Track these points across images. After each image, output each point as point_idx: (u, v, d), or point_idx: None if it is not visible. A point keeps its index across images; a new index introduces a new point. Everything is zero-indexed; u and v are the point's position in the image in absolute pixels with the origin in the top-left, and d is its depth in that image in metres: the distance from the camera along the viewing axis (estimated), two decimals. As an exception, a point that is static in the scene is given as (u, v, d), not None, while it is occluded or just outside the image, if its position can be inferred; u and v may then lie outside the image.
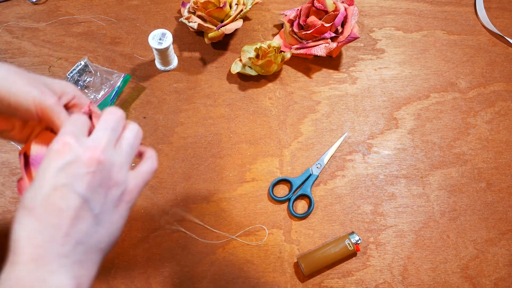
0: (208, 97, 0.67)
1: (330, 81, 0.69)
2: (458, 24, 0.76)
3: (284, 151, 0.64)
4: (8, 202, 0.59)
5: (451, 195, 0.62)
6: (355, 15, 0.68)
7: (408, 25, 0.75)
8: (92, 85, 0.66)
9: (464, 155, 0.65)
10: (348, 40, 0.67)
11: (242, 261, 0.57)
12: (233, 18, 0.67)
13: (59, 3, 0.74)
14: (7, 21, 0.72)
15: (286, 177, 0.61)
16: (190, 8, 0.69)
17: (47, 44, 0.70)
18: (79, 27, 0.72)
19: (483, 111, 0.68)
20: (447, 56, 0.73)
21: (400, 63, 0.72)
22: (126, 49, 0.70)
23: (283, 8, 0.76)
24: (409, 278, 0.57)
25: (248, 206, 0.60)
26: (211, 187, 0.61)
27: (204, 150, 0.63)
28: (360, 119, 0.67)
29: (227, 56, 0.71)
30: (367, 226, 0.59)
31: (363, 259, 0.57)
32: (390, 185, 0.62)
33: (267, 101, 0.67)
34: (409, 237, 0.59)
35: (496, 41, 0.74)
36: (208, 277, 0.56)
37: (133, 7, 0.75)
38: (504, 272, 0.57)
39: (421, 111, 0.68)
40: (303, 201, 0.61)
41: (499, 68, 0.72)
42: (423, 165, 0.64)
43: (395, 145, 0.65)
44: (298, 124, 0.66)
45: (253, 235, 0.58)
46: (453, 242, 0.59)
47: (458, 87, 0.70)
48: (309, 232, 0.59)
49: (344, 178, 0.62)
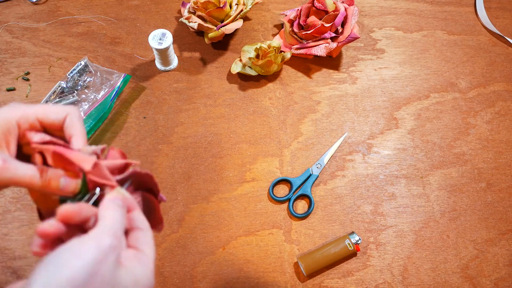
0: (208, 97, 0.67)
1: (330, 81, 0.69)
2: (458, 24, 0.76)
3: (284, 151, 0.64)
4: (8, 202, 0.59)
5: (451, 195, 0.62)
6: (355, 15, 0.68)
7: (408, 25, 0.75)
8: (92, 85, 0.66)
9: (464, 155, 0.65)
10: (348, 40, 0.67)
11: (242, 261, 0.57)
12: (233, 18, 0.67)
13: (59, 3, 0.74)
14: (7, 21, 0.72)
15: (286, 177, 0.61)
16: (190, 8, 0.69)
17: (47, 44, 0.70)
18: (79, 27, 0.72)
19: (483, 111, 0.68)
20: (447, 56, 0.73)
21: (400, 63, 0.72)
22: (126, 49, 0.70)
23: (283, 8, 0.76)
24: (409, 278, 0.57)
25: (248, 206, 0.60)
26: (211, 187, 0.61)
27: (204, 150, 0.63)
28: (360, 119, 0.67)
29: (227, 56, 0.71)
30: (367, 226, 0.59)
31: (363, 259, 0.57)
32: (390, 185, 0.62)
33: (267, 101, 0.67)
34: (409, 237, 0.59)
35: (496, 41, 0.74)
36: (208, 277, 0.56)
37: (133, 7, 0.75)
38: (504, 272, 0.57)
39: (421, 111, 0.68)
40: (303, 201, 0.61)
41: (499, 68, 0.72)
42: (423, 165, 0.64)
43: (395, 145, 0.65)
44: (298, 124, 0.66)
45: (253, 235, 0.58)
46: (453, 242, 0.59)
47: (458, 87, 0.70)
48: (309, 232, 0.59)
49: (344, 178, 0.62)
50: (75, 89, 0.65)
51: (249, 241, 0.58)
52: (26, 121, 0.31)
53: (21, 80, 0.67)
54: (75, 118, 0.32)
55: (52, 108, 0.32)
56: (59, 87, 0.65)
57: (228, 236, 0.58)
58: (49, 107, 0.32)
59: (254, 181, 0.62)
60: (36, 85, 0.67)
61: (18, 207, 0.58)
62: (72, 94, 0.65)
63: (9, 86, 0.66)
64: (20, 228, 0.57)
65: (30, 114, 0.31)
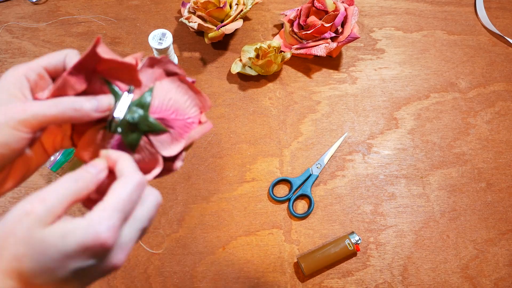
0: (208, 97, 0.67)
1: (330, 81, 0.69)
2: (458, 24, 0.76)
3: (284, 151, 0.64)
4: (8, 202, 0.59)
5: (451, 195, 0.62)
6: (355, 15, 0.68)
7: (408, 25, 0.75)
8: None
9: (464, 155, 0.65)
10: (348, 40, 0.67)
11: (242, 261, 0.57)
12: (233, 18, 0.67)
13: (59, 3, 0.74)
14: (7, 21, 0.72)
15: (286, 177, 0.61)
16: (190, 8, 0.69)
17: (47, 44, 0.70)
18: (79, 27, 0.72)
19: (483, 111, 0.68)
20: (447, 56, 0.73)
21: (400, 63, 0.72)
22: (126, 49, 0.70)
23: (283, 8, 0.76)
24: (409, 278, 0.57)
25: (248, 206, 0.60)
26: (211, 187, 0.61)
27: (204, 150, 0.63)
28: (360, 119, 0.67)
29: (227, 56, 0.71)
30: (367, 226, 0.59)
31: (363, 259, 0.57)
32: (390, 185, 0.62)
33: (267, 101, 0.67)
34: (409, 237, 0.59)
35: (496, 41, 0.74)
36: (208, 277, 0.56)
37: (133, 7, 0.75)
38: (504, 272, 0.57)
39: (421, 111, 0.68)
40: (303, 201, 0.61)
41: (499, 68, 0.72)
42: (423, 165, 0.64)
43: (395, 145, 0.65)
44: (298, 124, 0.66)
45: (253, 235, 0.58)
46: (453, 242, 0.59)
47: (458, 87, 0.70)
48: (309, 232, 0.59)
49: (344, 178, 0.62)
50: (75, 89, 0.65)
51: (249, 241, 0.58)
52: (34, 72, 0.31)
53: (21, 80, 0.67)
54: (73, 55, 0.33)
55: (51, 54, 0.33)
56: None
57: (228, 236, 0.58)
58: (49, 55, 0.33)
59: (254, 181, 0.62)
60: (36, 85, 0.67)
61: (18, 207, 0.58)
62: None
63: (9, 86, 0.66)
64: (20, 228, 0.57)
65: (34, 66, 0.32)
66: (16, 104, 0.29)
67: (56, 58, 0.32)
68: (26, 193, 0.59)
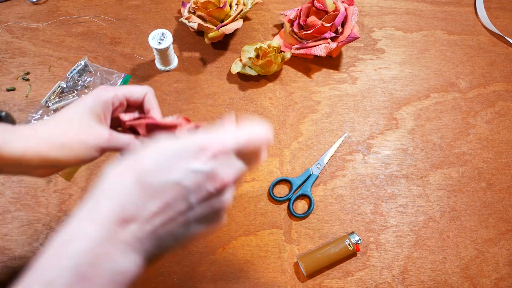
0: (208, 97, 0.67)
1: (330, 81, 0.69)
2: (458, 24, 0.76)
3: (284, 151, 0.64)
4: (8, 202, 0.59)
5: (451, 195, 0.62)
6: (355, 15, 0.68)
7: (408, 25, 0.75)
8: (92, 85, 0.66)
9: (464, 155, 0.65)
10: (348, 40, 0.67)
11: (242, 261, 0.57)
12: (233, 18, 0.67)
13: (59, 3, 0.74)
14: (7, 21, 0.72)
15: (286, 177, 0.61)
16: (190, 8, 0.69)
17: (47, 44, 0.70)
18: (79, 27, 0.72)
19: (483, 111, 0.68)
20: (447, 56, 0.73)
21: (400, 63, 0.72)
22: (126, 49, 0.70)
23: (283, 8, 0.76)
24: (409, 278, 0.57)
25: (248, 206, 0.60)
26: (211, 187, 0.61)
27: (204, 150, 0.63)
28: (360, 119, 0.67)
29: (227, 56, 0.71)
30: (367, 226, 0.59)
31: (363, 259, 0.57)
32: (390, 185, 0.62)
33: (267, 101, 0.67)
34: (409, 237, 0.59)
35: (496, 41, 0.74)
36: (208, 277, 0.56)
37: (133, 7, 0.75)
38: (504, 272, 0.57)
39: (421, 111, 0.68)
40: (303, 201, 0.61)
41: (499, 68, 0.72)
42: (423, 165, 0.64)
43: (395, 145, 0.65)
44: (298, 124, 0.66)
45: (253, 235, 0.58)
46: (453, 242, 0.59)
47: (458, 87, 0.70)
48: (309, 232, 0.59)
49: (344, 178, 0.62)
50: (75, 89, 0.65)
51: (249, 241, 0.58)
52: (118, 100, 0.39)
53: (21, 80, 0.67)
54: (151, 95, 0.40)
55: (135, 88, 0.40)
56: (59, 87, 0.65)
57: (228, 236, 0.58)
58: (133, 88, 0.40)
59: (254, 181, 0.62)
60: (36, 85, 0.67)
61: (18, 207, 0.58)
62: (72, 94, 0.65)
63: (9, 86, 0.66)
64: (20, 228, 0.57)
65: (120, 94, 0.39)
66: (121, 135, 0.38)
67: (139, 93, 0.40)
68: (26, 193, 0.59)
